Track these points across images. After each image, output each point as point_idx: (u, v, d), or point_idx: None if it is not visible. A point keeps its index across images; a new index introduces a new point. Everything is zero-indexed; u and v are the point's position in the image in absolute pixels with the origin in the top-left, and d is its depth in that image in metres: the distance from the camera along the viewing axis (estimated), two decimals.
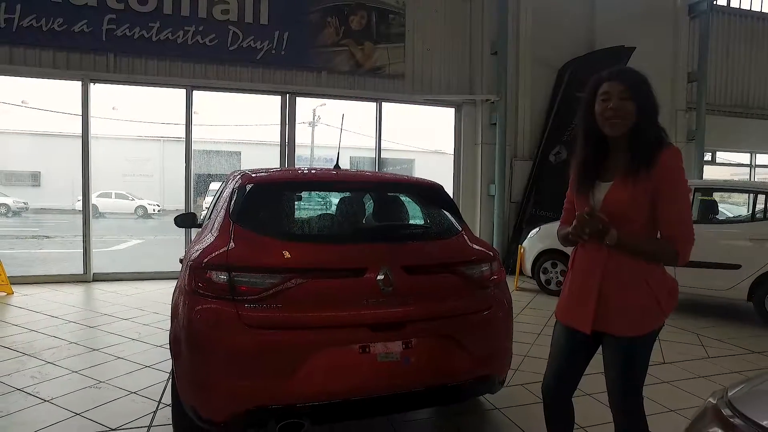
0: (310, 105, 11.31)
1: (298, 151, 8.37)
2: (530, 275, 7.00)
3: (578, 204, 2.00)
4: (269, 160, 8.34)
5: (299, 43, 7.57)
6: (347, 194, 3.31)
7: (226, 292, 2.27)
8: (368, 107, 8.38)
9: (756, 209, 6.00)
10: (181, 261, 2.85)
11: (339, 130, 3.75)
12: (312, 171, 3.65)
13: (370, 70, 8.04)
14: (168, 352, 2.98)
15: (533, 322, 5.38)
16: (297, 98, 7.93)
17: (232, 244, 2.38)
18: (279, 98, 7.84)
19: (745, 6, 11.49)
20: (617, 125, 1.87)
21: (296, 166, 8.10)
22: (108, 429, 2.89)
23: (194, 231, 4.41)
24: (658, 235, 1.89)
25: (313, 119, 12.81)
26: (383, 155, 8.68)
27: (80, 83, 6.98)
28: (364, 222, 3.35)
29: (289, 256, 2.37)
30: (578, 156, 2.03)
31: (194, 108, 7.48)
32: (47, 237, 12.94)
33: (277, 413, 2.24)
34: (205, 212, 4.29)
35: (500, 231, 8.48)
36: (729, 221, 6.97)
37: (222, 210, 2.69)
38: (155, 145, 17.88)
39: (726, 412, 1.36)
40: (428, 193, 3.13)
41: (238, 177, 2.83)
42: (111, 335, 4.62)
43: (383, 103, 8.38)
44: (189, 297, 2.37)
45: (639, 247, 1.86)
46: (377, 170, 8.15)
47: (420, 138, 11.93)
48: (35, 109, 15.13)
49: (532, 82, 8.84)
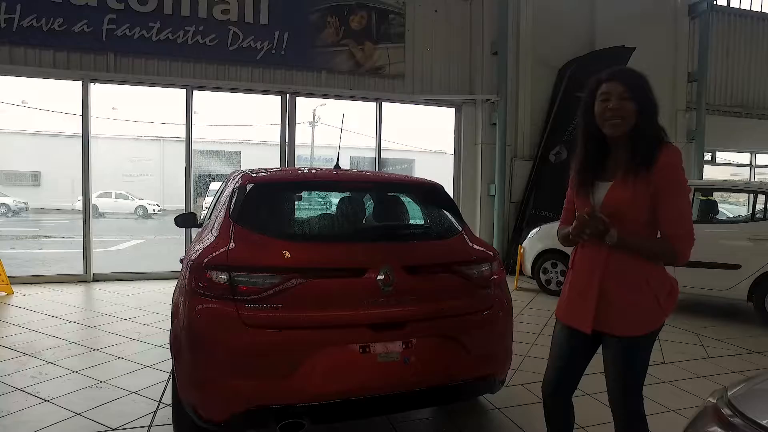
0: (310, 105, 11.34)
1: (298, 151, 8.37)
2: (530, 275, 7.00)
3: (578, 204, 2.00)
4: (269, 160, 8.34)
5: (299, 43, 7.57)
6: (347, 194, 3.31)
7: (227, 292, 2.27)
8: (368, 107, 8.38)
9: (756, 209, 6.00)
10: (182, 261, 2.85)
11: (339, 130, 3.74)
12: (312, 171, 3.64)
13: (370, 70, 8.04)
14: (168, 352, 2.98)
15: (533, 322, 5.38)
16: (297, 98, 7.93)
17: (233, 244, 2.38)
18: (279, 98, 7.84)
19: (745, 6, 11.48)
20: (617, 125, 1.87)
21: (296, 166, 8.10)
22: (108, 429, 2.89)
23: (194, 231, 4.41)
24: (658, 235, 1.89)
25: (313, 119, 12.83)
26: (383, 155, 8.68)
27: (80, 83, 6.98)
28: (365, 222, 3.35)
29: (290, 256, 2.37)
30: (578, 156, 2.03)
31: (194, 108, 7.48)
32: (47, 237, 12.95)
33: (278, 413, 2.24)
34: (205, 212, 4.29)
35: (500, 231, 8.49)
36: (729, 221, 6.97)
37: (222, 210, 2.69)
38: (155, 145, 17.91)
39: (726, 412, 1.36)
40: (428, 193, 3.13)
41: (239, 177, 2.83)
42: (111, 335, 4.62)
43: (383, 103, 8.38)
44: (189, 297, 2.37)
45: (639, 247, 1.86)
46: (377, 170, 8.15)
47: (420, 138, 11.94)
48: (35, 109, 15.16)
49: (532, 82, 8.84)
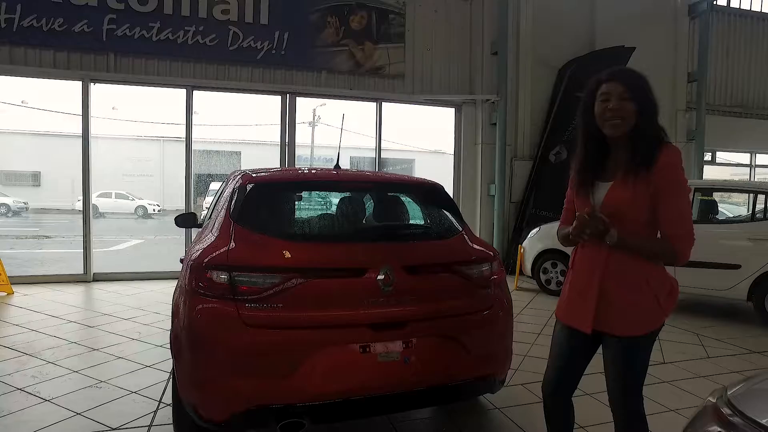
0: (310, 105, 11.32)
1: (298, 151, 8.37)
2: (530, 275, 7.01)
3: (578, 204, 2.01)
4: (269, 160, 8.34)
5: (299, 43, 7.57)
6: (347, 194, 3.31)
7: (227, 292, 2.27)
8: (368, 107, 8.38)
9: (756, 209, 6.00)
10: (182, 261, 2.85)
11: (339, 130, 3.75)
12: (312, 171, 3.64)
13: (370, 70, 8.04)
14: (168, 352, 2.98)
15: (533, 322, 5.39)
16: (297, 98, 7.93)
17: (233, 244, 2.38)
18: (279, 98, 7.84)
19: (745, 6, 11.48)
20: (617, 126, 1.87)
21: (296, 166, 8.10)
22: (108, 428, 2.89)
23: (194, 231, 4.41)
24: (658, 235, 1.89)
25: (313, 119, 12.81)
26: (383, 155, 8.68)
27: (80, 83, 6.98)
28: (365, 222, 3.35)
29: (290, 256, 2.37)
30: (578, 156, 2.03)
31: (194, 108, 7.48)
32: (47, 237, 12.95)
33: (278, 413, 2.24)
34: (206, 212, 4.29)
35: (500, 231, 8.49)
36: (729, 221, 6.97)
37: (222, 210, 2.69)
38: (155, 145, 17.90)
39: (725, 411, 1.36)
40: (428, 193, 3.13)
41: (239, 177, 2.83)
42: (111, 335, 4.62)
43: (383, 103, 8.39)
44: (190, 297, 2.37)
45: (639, 247, 1.87)
46: (377, 170, 8.15)
47: (420, 138, 11.93)
48: (35, 109, 15.15)
49: (533, 82, 8.84)
